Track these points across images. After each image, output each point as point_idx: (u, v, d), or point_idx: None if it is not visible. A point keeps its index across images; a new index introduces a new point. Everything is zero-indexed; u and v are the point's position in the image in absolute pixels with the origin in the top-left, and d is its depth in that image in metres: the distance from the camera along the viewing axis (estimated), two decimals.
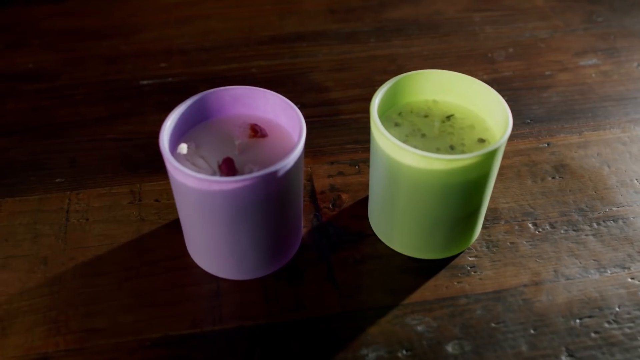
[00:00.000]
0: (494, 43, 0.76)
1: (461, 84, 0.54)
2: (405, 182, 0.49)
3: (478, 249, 0.55)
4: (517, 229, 0.57)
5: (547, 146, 0.64)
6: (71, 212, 0.58)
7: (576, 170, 0.61)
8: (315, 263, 0.54)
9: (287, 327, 0.50)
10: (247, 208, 0.47)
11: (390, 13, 0.81)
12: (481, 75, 0.72)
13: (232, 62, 0.74)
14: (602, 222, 0.57)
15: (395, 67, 0.73)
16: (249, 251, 0.51)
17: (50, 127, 0.67)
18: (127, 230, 0.57)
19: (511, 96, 0.69)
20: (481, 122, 0.53)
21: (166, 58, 0.75)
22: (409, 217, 0.52)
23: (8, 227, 0.57)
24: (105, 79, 0.72)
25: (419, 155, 0.46)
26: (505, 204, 0.59)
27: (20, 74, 0.73)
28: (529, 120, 0.67)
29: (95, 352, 0.49)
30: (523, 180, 0.61)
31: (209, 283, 0.53)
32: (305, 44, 0.77)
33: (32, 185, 0.61)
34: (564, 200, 0.59)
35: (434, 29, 0.79)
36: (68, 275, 0.54)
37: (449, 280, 0.53)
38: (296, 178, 0.50)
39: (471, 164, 0.47)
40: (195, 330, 0.50)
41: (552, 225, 0.57)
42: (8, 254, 0.55)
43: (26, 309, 0.51)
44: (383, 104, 0.53)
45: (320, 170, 0.62)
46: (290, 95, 0.69)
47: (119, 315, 0.51)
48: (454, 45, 0.76)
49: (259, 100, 0.53)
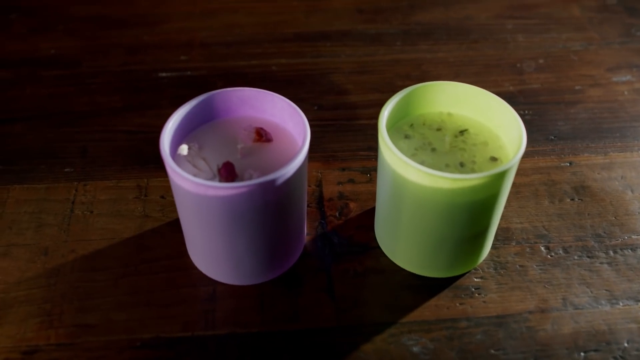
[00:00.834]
0: (524, 53, 0.74)
1: (477, 98, 0.52)
2: (410, 198, 0.47)
3: (485, 269, 0.53)
4: (528, 251, 0.54)
5: (569, 165, 0.61)
6: (76, 203, 0.58)
7: (597, 193, 0.59)
8: (315, 273, 0.53)
9: (280, 337, 0.49)
10: (244, 215, 0.46)
11: (420, 16, 0.79)
12: (507, 86, 0.69)
13: (253, 59, 0.73)
14: (619, 250, 0.54)
15: (419, 72, 0.71)
16: (245, 257, 0.50)
17: (66, 115, 0.67)
18: (130, 225, 0.56)
19: (536, 110, 0.67)
20: (495, 140, 0.51)
21: (187, 51, 0.74)
22: (412, 234, 0.50)
23: (13, 214, 0.57)
24: (125, 68, 0.72)
25: (423, 172, 0.44)
26: (519, 224, 0.56)
27: (42, 59, 0.73)
28: (552, 137, 0.64)
29: (85, 349, 0.48)
30: (540, 200, 0.58)
31: (205, 286, 0.52)
32: (329, 43, 0.75)
33: (41, 174, 0.61)
34: (581, 224, 0.56)
35: (463, 34, 0.76)
36: (67, 267, 0.53)
37: (451, 300, 0.51)
38: (298, 186, 0.48)
39: (478, 185, 0.45)
40: (186, 333, 0.49)
41: (565, 249, 0.54)
42: (10, 242, 0.55)
43: (22, 299, 0.51)
44: (394, 115, 0.51)
45: (331, 176, 0.60)
46: (309, 96, 0.68)
47: (113, 313, 0.51)
48: (482, 53, 0.74)
49: (266, 103, 0.51)
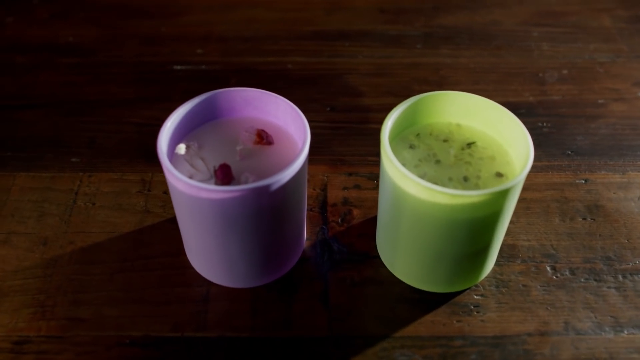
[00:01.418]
0: (548, 62, 0.71)
1: (488, 110, 0.50)
2: (408, 210, 0.46)
3: (486, 287, 0.51)
4: (533, 270, 0.53)
5: (584, 183, 0.59)
6: (80, 194, 0.58)
7: (611, 214, 0.57)
8: (311, 279, 0.52)
9: (270, 343, 0.48)
10: (237, 219, 0.45)
11: (443, 19, 0.77)
12: (527, 96, 0.67)
13: (269, 55, 0.72)
14: (628, 275, 0.52)
15: (438, 77, 0.69)
16: (239, 261, 0.49)
17: (77, 104, 0.67)
18: (130, 220, 0.56)
19: (555, 123, 0.64)
20: (503, 154, 0.49)
21: (204, 44, 0.74)
22: (411, 247, 0.49)
23: (17, 202, 0.57)
24: (140, 59, 0.72)
25: (422, 185, 0.43)
26: (526, 242, 0.54)
27: (60, 46, 0.73)
28: (569, 152, 0.62)
29: (74, 343, 0.48)
30: (550, 217, 0.56)
31: (199, 286, 0.52)
32: (347, 43, 0.74)
33: (47, 162, 0.61)
34: (591, 245, 0.54)
35: (486, 40, 0.74)
36: (64, 259, 0.53)
37: (448, 317, 0.50)
38: (295, 192, 0.47)
39: (478, 202, 0.43)
40: (176, 334, 0.49)
41: (572, 271, 0.52)
42: (11, 230, 0.55)
43: (17, 289, 0.51)
44: (401, 123, 0.50)
45: (337, 181, 0.59)
46: (322, 97, 0.67)
47: (105, 308, 0.50)
48: (504, 60, 0.71)
49: (270, 105, 0.50)
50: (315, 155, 0.61)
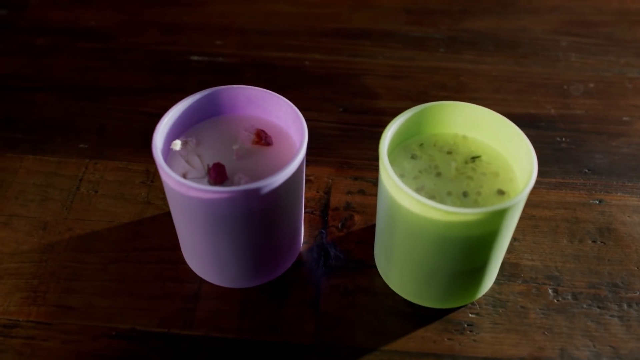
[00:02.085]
0: (575, 74, 0.69)
1: (495, 124, 0.48)
2: (402, 223, 0.45)
3: (482, 305, 0.50)
4: (534, 292, 0.51)
5: (598, 203, 0.57)
6: (84, 181, 0.58)
7: (623, 238, 0.54)
8: (304, 284, 0.51)
9: (255, 347, 0.48)
10: (226, 220, 0.44)
11: (470, 22, 0.75)
12: (548, 108, 0.65)
13: (288, 51, 0.71)
14: (634, 304, 0.50)
15: (456, 84, 0.67)
16: (230, 262, 0.48)
17: (91, 90, 0.67)
18: (131, 210, 0.56)
19: (575, 138, 0.62)
20: (508, 171, 0.47)
21: (223, 35, 0.73)
22: (404, 260, 0.47)
23: (22, 184, 0.58)
24: (158, 48, 0.71)
25: (415, 199, 0.42)
26: (529, 261, 0.52)
27: (81, 30, 0.74)
28: (586, 170, 0.59)
29: (61, 331, 0.48)
30: (558, 237, 0.54)
31: (191, 283, 0.51)
32: (368, 42, 0.72)
33: (56, 147, 0.61)
34: (598, 269, 0.52)
35: (512, 47, 0.72)
36: (61, 245, 0.53)
37: (439, 334, 0.48)
38: (289, 196, 0.46)
39: (473, 220, 0.42)
40: (162, 329, 0.49)
41: (575, 295, 0.50)
42: (13, 212, 0.56)
43: (13, 272, 0.52)
44: (404, 131, 0.48)
45: (341, 184, 0.58)
46: (336, 97, 0.66)
47: (95, 298, 0.50)
48: (528, 69, 0.69)
49: (272, 104, 0.50)
50: (322, 156, 0.60)
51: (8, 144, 0.61)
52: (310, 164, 0.60)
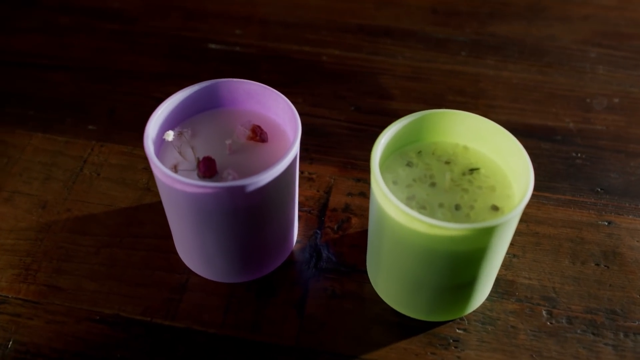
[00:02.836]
0: (600, 87, 0.66)
1: (496, 136, 0.46)
2: (389, 232, 0.44)
3: (471, 321, 0.48)
4: (527, 312, 0.49)
5: (607, 225, 0.54)
6: (88, 162, 0.58)
7: (628, 263, 0.52)
8: (292, 284, 0.50)
9: (234, 344, 0.47)
10: (211, 215, 0.44)
11: (496, 26, 0.73)
12: (567, 122, 0.62)
13: (306, 45, 0.70)
14: (631, 334, 0.48)
15: (474, 89, 0.65)
16: (216, 256, 0.48)
17: (106, 72, 0.67)
18: (130, 196, 0.56)
19: (591, 155, 0.60)
20: (506, 187, 0.46)
21: (244, 25, 0.72)
22: (391, 269, 0.46)
23: (28, 162, 0.58)
24: (178, 33, 0.71)
25: (400, 209, 0.40)
26: (526, 280, 0.51)
27: (104, 10, 0.74)
28: (599, 189, 0.57)
29: (47, 311, 0.49)
30: (560, 257, 0.52)
31: (179, 274, 0.51)
32: (389, 41, 0.71)
33: (65, 126, 0.61)
34: (598, 294, 0.50)
35: (537, 55, 0.69)
36: (58, 225, 0.54)
37: (423, 347, 0.47)
38: (277, 194, 0.46)
39: (458, 236, 0.40)
40: (145, 318, 0.49)
41: (570, 319, 0.49)
42: (16, 189, 0.56)
43: (8, 248, 0.52)
44: (402, 137, 0.47)
45: (343, 185, 0.57)
46: (349, 94, 0.65)
47: (84, 281, 0.51)
48: (552, 79, 0.67)
49: (271, 101, 0.49)
50: (327, 155, 0.59)
51: (19, 120, 0.62)
52: (314, 161, 0.59)
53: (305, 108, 0.63)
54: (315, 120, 0.62)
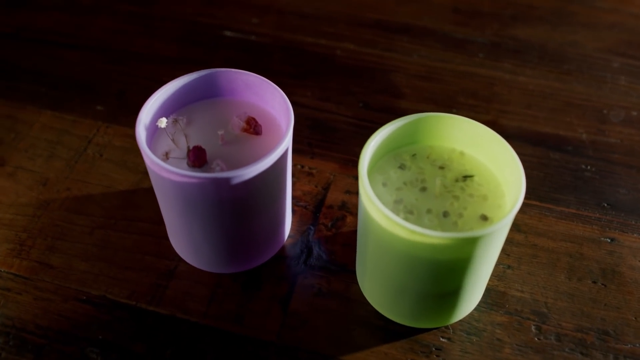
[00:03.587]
0: (619, 99, 0.64)
1: (492, 144, 0.45)
2: (373, 235, 0.43)
3: (457, 331, 0.47)
4: (515, 325, 0.48)
5: (609, 242, 0.53)
6: (92, 143, 0.59)
7: (627, 283, 0.50)
8: (279, 279, 0.50)
9: (214, 334, 0.47)
10: (197, 205, 0.44)
11: (519, 30, 0.71)
12: (580, 132, 0.60)
13: (322, 37, 0.69)
14: (621, 357, 0.46)
15: (488, 93, 0.64)
16: (203, 246, 0.48)
17: (120, 53, 0.67)
18: (129, 179, 0.56)
19: (601, 168, 0.58)
20: (498, 196, 0.44)
21: (261, 14, 0.72)
22: (375, 272, 0.46)
23: (34, 138, 0.59)
24: (195, 19, 0.71)
25: (381, 212, 0.40)
26: (518, 292, 0.50)
27: None
28: (606, 204, 0.55)
29: (36, 287, 0.50)
30: (556, 272, 0.51)
31: (169, 260, 0.51)
32: (406, 38, 0.70)
33: (74, 105, 0.62)
34: (592, 313, 0.48)
35: (557, 61, 0.67)
36: (56, 203, 0.55)
37: (404, 353, 0.46)
38: (265, 188, 0.45)
39: (439, 244, 0.39)
40: (130, 302, 0.49)
41: (559, 337, 0.47)
42: (20, 165, 0.57)
43: (6, 222, 0.53)
44: (397, 139, 0.46)
45: (342, 183, 0.56)
46: (359, 90, 0.64)
47: (75, 260, 0.51)
48: (569, 87, 0.65)
49: (268, 94, 0.48)
50: (330, 150, 0.59)
51: (31, 97, 0.63)
52: (316, 156, 0.58)
53: (313, 102, 0.63)
54: (321, 114, 0.62)
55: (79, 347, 0.46)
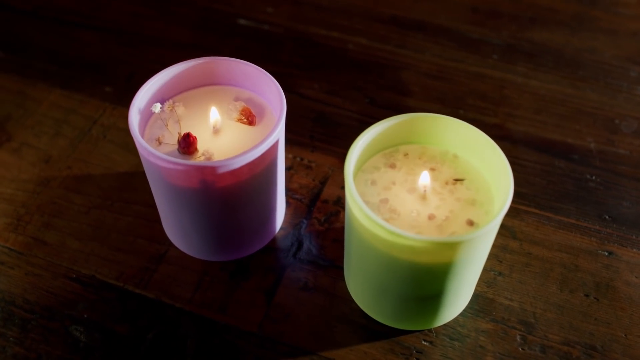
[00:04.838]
0: (632, 109, 0.62)
1: (485, 149, 0.44)
2: (356, 233, 0.43)
3: (439, 335, 0.47)
4: (500, 334, 0.47)
5: (607, 255, 0.51)
6: (97, 124, 0.60)
7: (620, 299, 0.49)
8: (266, 270, 0.50)
9: (196, 322, 0.48)
10: (184, 192, 0.44)
11: (536, 33, 0.69)
12: (588, 141, 0.59)
13: (335, 30, 0.69)
14: None
15: (497, 96, 0.63)
16: (191, 232, 0.48)
17: (133, 36, 0.68)
18: (130, 161, 0.57)
19: (606, 179, 0.56)
20: (487, 202, 0.44)
21: (277, 3, 0.72)
22: (359, 270, 0.45)
23: (42, 116, 0.60)
24: (210, 5, 0.71)
25: (363, 211, 0.39)
26: (507, 300, 0.49)
27: None
28: (607, 217, 0.54)
29: (28, 263, 0.50)
30: (547, 282, 0.50)
31: (160, 244, 0.52)
32: (421, 35, 0.69)
33: (83, 85, 0.63)
34: (581, 327, 0.47)
35: (573, 67, 0.66)
36: (56, 181, 0.55)
37: (383, 354, 0.46)
38: (254, 180, 0.45)
39: (418, 247, 0.39)
40: (118, 283, 0.49)
41: (544, 349, 0.46)
42: (25, 141, 0.58)
43: (6, 197, 0.54)
44: (390, 138, 0.46)
45: (339, 178, 0.56)
46: (366, 86, 0.64)
47: (69, 239, 0.52)
48: (582, 94, 0.63)
49: (264, 85, 0.48)
50: (331, 144, 0.58)
51: (42, 75, 0.64)
52: (316, 150, 0.58)
53: (320, 95, 0.62)
54: (326, 108, 0.61)
55: (63, 325, 0.47)
